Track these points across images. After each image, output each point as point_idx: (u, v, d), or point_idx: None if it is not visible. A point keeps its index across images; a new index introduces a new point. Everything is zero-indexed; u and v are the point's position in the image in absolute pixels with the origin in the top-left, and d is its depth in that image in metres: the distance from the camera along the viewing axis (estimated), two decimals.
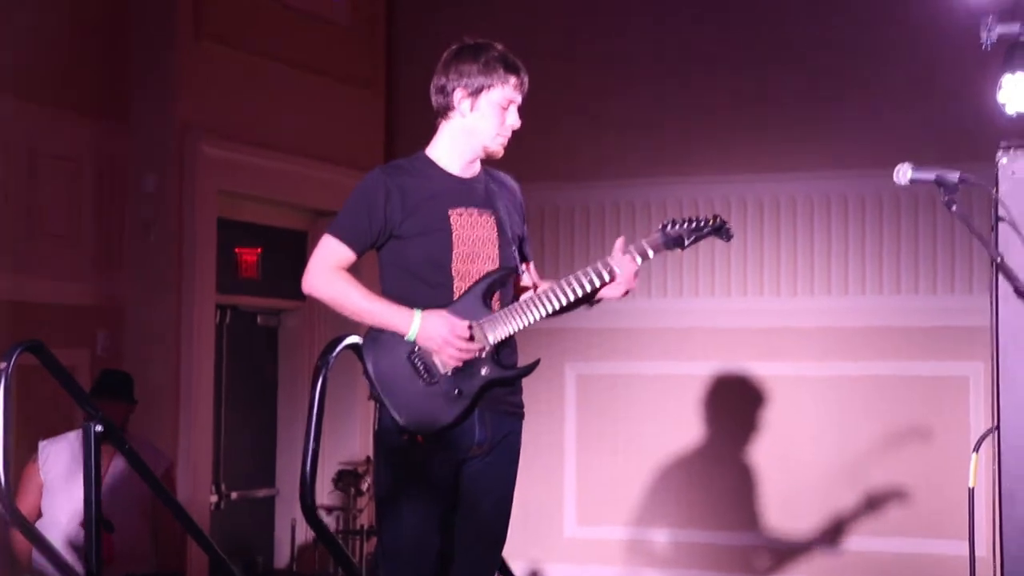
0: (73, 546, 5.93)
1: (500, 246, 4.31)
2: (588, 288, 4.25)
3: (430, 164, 4.34)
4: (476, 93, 4.29)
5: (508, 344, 4.28)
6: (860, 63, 8.24)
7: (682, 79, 8.65)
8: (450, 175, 4.33)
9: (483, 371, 4.20)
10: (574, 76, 8.75)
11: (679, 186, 8.63)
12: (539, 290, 4.31)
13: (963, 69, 7.15)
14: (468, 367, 4.19)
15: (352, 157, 8.63)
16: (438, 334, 4.14)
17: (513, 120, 4.32)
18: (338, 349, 4.80)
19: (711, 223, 4.33)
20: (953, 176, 4.16)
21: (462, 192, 4.31)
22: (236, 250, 8.67)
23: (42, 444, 6.27)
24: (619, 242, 4.33)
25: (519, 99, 4.33)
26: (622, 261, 4.27)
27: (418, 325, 4.15)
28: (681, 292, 8.67)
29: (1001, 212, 4.43)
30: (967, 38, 5.42)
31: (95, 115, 7.57)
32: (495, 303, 4.26)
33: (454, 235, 4.24)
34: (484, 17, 8.63)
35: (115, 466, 6.13)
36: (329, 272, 4.25)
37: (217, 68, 7.94)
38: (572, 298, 4.26)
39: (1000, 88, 5.72)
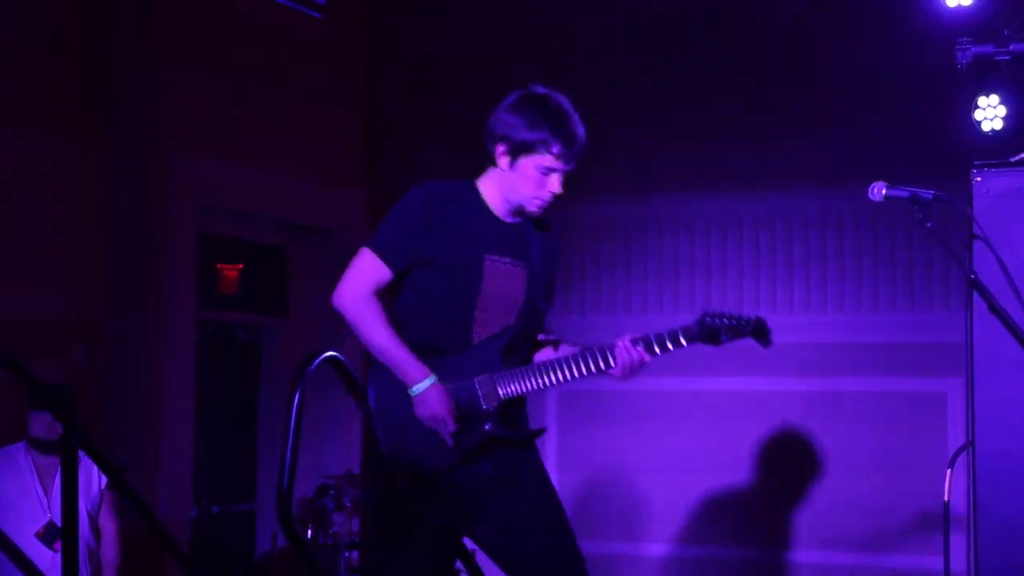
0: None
1: (524, 302, 4.21)
2: (586, 372, 4.16)
3: (477, 198, 4.22)
4: (516, 153, 4.10)
5: (517, 402, 4.20)
6: (835, 81, 8.24)
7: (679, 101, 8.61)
8: (493, 215, 4.20)
9: (487, 427, 4.12)
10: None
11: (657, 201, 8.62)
12: (554, 359, 4.19)
13: (939, 88, 7.19)
14: (471, 422, 4.12)
15: (331, 173, 8.62)
16: (432, 408, 4.06)
17: (555, 187, 4.11)
18: (315, 363, 4.77)
19: (751, 324, 4.26)
20: (927, 194, 4.18)
21: (500, 238, 4.19)
22: (217, 266, 8.67)
23: None
24: (626, 337, 4.19)
25: (563, 167, 4.10)
26: (623, 354, 4.16)
27: (424, 388, 4.06)
28: (661, 308, 8.66)
29: (976, 230, 4.46)
30: (942, 58, 5.47)
31: (71, 131, 7.54)
32: (511, 359, 4.18)
33: (483, 283, 4.14)
34: (466, 33, 8.62)
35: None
36: (366, 297, 4.12)
37: (195, 84, 7.92)
38: (577, 376, 4.15)
39: (975, 108, 5.78)
